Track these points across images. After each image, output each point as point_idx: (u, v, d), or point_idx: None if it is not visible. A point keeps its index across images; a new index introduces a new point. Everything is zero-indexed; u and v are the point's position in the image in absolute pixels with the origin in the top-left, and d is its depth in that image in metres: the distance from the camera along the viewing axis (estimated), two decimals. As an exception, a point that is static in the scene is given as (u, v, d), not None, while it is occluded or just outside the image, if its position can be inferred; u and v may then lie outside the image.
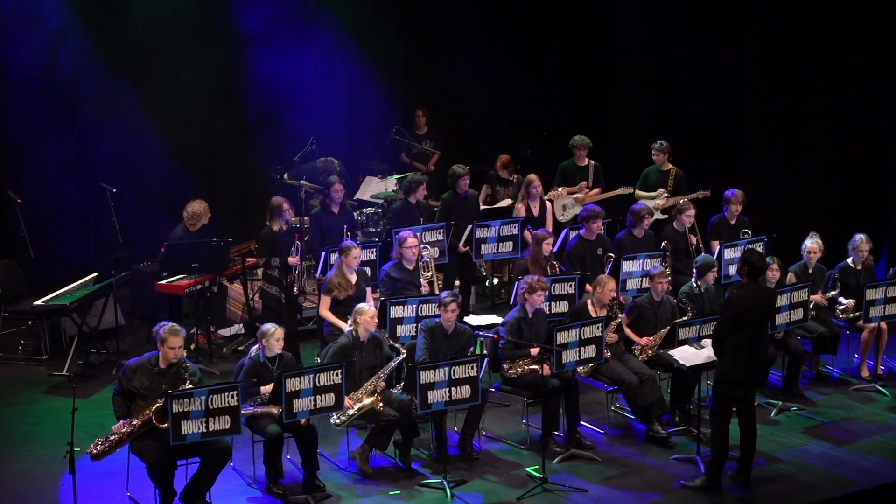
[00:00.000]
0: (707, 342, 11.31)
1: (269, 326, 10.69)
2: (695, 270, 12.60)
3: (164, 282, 13.50)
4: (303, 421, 10.33)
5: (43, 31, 15.23)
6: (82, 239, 15.94)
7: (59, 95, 15.72)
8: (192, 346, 13.36)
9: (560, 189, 15.35)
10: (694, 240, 13.97)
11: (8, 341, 14.06)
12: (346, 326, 11.31)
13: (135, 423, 9.85)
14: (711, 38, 17.11)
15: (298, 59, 16.83)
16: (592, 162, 15.56)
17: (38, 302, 13.47)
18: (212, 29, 16.52)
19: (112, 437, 9.86)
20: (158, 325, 10.19)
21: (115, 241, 14.99)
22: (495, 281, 15.61)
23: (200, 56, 16.34)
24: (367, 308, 11.14)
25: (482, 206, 15.16)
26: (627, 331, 12.08)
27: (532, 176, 14.84)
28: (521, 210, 14.73)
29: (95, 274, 13.86)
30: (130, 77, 16.01)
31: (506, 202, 15.38)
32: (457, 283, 14.51)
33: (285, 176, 15.40)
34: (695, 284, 12.46)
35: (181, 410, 9.56)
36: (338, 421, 10.70)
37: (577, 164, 15.53)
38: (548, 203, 15.02)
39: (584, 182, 15.47)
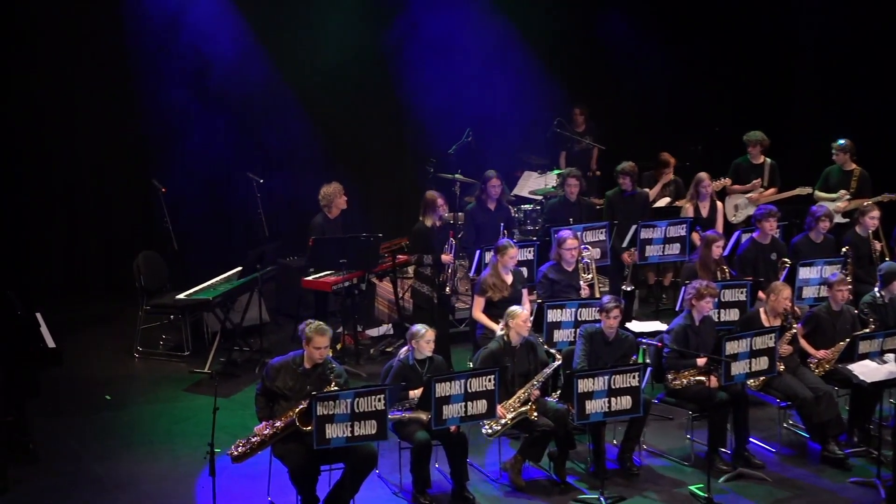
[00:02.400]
0: (890, 357, 11.10)
1: (420, 327, 10.65)
2: (878, 279, 12.22)
3: (310, 278, 13.55)
4: (452, 428, 10.24)
5: (188, 18, 15.60)
6: (227, 231, 16.30)
7: (206, 85, 16.02)
8: (339, 346, 13.44)
9: (724, 179, 15.13)
10: (878, 246, 13.66)
11: (150, 336, 14.25)
12: (499, 330, 11.19)
13: (277, 424, 9.84)
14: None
15: (455, 48, 17.04)
16: (768, 160, 15.36)
17: (181, 296, 13.65)
18: (367, 21, 16.87)
19: (254, 439, 9.86)
20: (304, 323, 10.18)
21: (261, 233, 15.29)
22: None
23: (354, 42, 16.64)
24: (520, 311, 11.03)
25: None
26: (803, 342, 11.77)
27: (702, 174, 14.60)
28: (689, 210, 14.55)
29: (240, 268, 13.98)
30: (280, 66, 16.41)
31: (664, 201, 15.22)
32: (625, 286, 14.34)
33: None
34: (878, 294, 12.06)
35: (326, 413, 9.49)
36: (490, 430, 10.59)
37: (752, 161, 15.38)
38: (718, 203, 14.82)
39: (758, 181, 15.26)
